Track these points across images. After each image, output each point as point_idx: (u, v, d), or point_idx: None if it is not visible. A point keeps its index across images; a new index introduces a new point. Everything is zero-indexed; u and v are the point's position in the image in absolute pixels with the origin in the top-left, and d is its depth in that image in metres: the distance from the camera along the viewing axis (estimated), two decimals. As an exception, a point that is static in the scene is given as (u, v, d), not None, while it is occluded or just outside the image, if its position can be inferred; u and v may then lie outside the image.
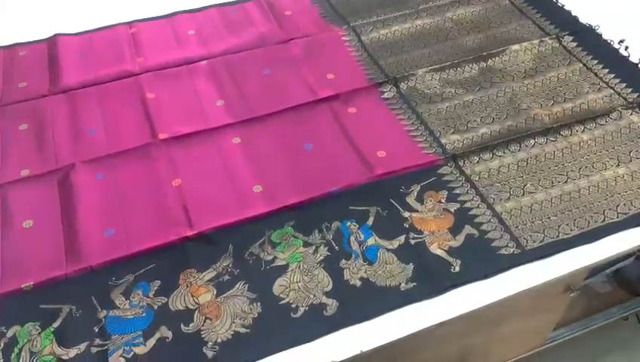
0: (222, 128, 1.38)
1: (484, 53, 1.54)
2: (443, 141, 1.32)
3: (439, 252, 1.11)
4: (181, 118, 1.41)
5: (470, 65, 1.52)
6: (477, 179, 1.24)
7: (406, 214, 1.17)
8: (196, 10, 1.77)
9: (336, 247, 1.12)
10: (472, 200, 1.20)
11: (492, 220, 1.16)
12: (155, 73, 1.54)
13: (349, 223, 1.16)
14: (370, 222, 1.16)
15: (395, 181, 1.24)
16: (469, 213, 1.18)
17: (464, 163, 1.27)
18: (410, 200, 1.20)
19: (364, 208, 1.19)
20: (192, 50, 1.61)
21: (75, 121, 1.41)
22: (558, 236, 1.13)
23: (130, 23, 1.73)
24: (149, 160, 1.30)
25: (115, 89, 1.50)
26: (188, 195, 1.22)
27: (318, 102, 1.43)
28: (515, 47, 1.56)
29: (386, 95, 1.45)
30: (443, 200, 1.20)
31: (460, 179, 1.24)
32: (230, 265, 1.10)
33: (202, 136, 1.36)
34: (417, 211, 1.18)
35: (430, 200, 1.20)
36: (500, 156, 1.28)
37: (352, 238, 1.13)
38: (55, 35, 1.67)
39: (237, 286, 1.06)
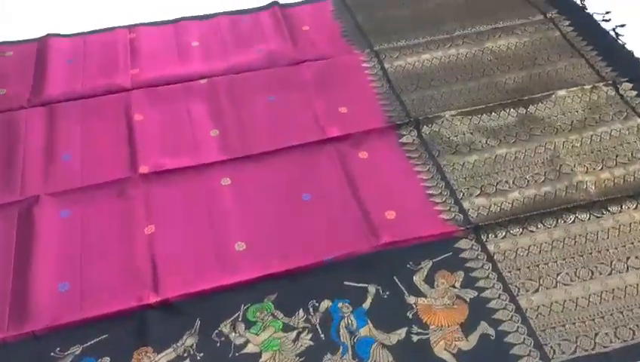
0: (212, 165, 1.20)
1: (526, 98, 1.32)
2: (465, 205, 1.12)
3: (445, 355, 0.91)
4: (168, 148, 1.24)
5: (507, 111, 1.30)
6: (501, 259, 1.03)
7: (411, 299, 0.98)
8: (205, 18, 1.59)
9: (322, 335, 0.94)
10: (493, 287, 1.00)
11: (514, 318, 0.95)
12: (148, 90, 1.37)
13: (341, 304, 0.97)
14: (366, 304, 0.98)
15: (402, 253, 1.04)
16: (488, 305, 0.97)
17: (488, 237, 1.06)
18: (419, 280, 1.01)
19: (362, 285, 1.00)
20: (193, 65, 1.43)
21: (50, 142, 1.25)
22: (593, 348, 0.92)
23: (131, 27, 1.56)
24: (124, 198, 1.14)
25: (100, 105, 1.34)
26: (159, 247, 1.06)
27: (325, 141, 1.24)
28: (562, 92, 1.33)
29: (404, 139, 1.25)
30: (457, 285, 1.00)
31: (481, 257, 1.04)
32: (194, 347, 0.92)
33: (188, 173, 1.19)
34: (425, 296, 0.98)
35: (442, 283, 1.00)
36: (532, 232, 1.07)
37: (343, 325, 0.95)
38: (46, 36, 1.52)
39: (197, 375, 0.90)
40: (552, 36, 1.49)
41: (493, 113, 1.30)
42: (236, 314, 0.96)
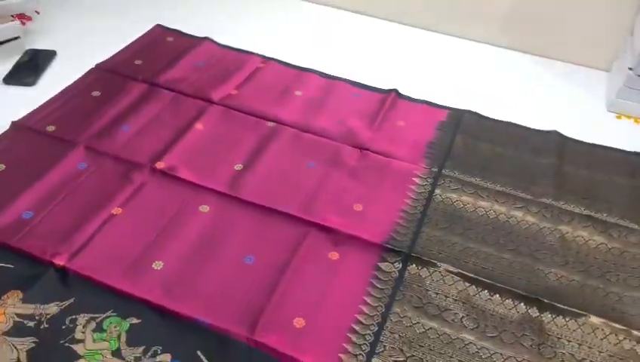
0: (206, 189, 1.25)
1: (547, 301, 1.06)
2: (374, 362, 0.96)
3: None
4: (194, 158, 1.33)
5: (516, 303, 1.06)
6: None
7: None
8: (328, 77, 1.66)
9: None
10: None
11: None
12: (227, 110, 1.49)
13: (175, 366, 0.93)
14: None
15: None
16: None
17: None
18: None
19: None
20: (279, 108, 1.51)
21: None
22: None
23: (267, 59, 1.72)
24: (126, 179, 1.27)
25: (180, 103, 1.51)
26: (108, 229, 1.15)
27: (311, 224, 1.19)
28: (596, 320, 1.03)
29: (383, 266, 1.12)
30: None
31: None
32: (48, 317, 0.99)
33: (185, 186, 1.26)
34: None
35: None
36: None
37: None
38: (205, 38, 1.78)
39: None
40: (652, 258, 1.16)
41: (497, 296, 1.07)
42: (99, 315, 1.00)
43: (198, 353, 0.95)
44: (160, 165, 1.30)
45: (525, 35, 1.83)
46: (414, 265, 1.12)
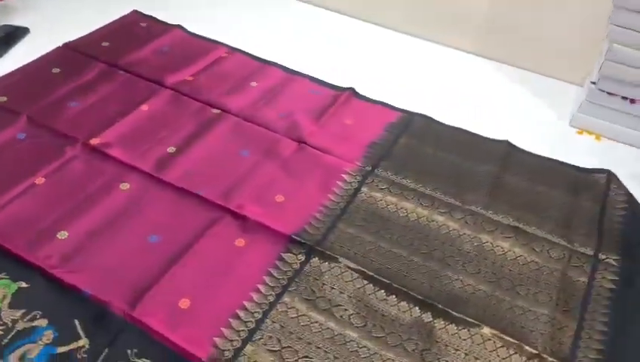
0: (130, 167, 1.27)
1: (442, 306, 1.02)
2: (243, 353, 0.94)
3: None
4: (128, 138, 1.35)
5: (411, 306, 1.03)
6: None
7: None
8: (289, 71, 1.65)
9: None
10: None
11: None
12: (175, 94, 1.51)
13: (49, 332, 0.94)
14: (62, 349, 0.92)
15: (145, 340, 0.95)
16: None
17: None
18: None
19: (82, 336, 0.94)
20: (228, 97, 1.51)
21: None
22: None
23: (232, 50, 1.73)
24: (60, 152, 1.29)
25: (134, 83, 1.54)
26: (32, 196, 1.18)
27: (225, 210, 1.18)
28: (488, 331, 0.99)
29: (286, 256, 1.11)
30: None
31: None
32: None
33: (111, 162, 1.28)
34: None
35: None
36: None
37: (23, 351, 0.91)
38: (177, 26, 1.80)
39: None
40: (572, 280, 1.10)
41: (394, 297, 1.04)
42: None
43: (75, 321, 0.96)
44: (95, 141, 1.32)
45: (500, 44, 1.79)
46: (317, 259, 1.10)
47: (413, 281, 1.08)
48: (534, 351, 0.96)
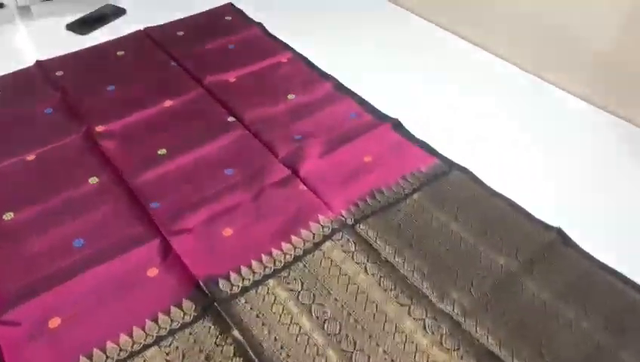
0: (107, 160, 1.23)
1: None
2: None
3: None
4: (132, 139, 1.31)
5: None
6: None
7: None
8: (339, 88, 1.45)
9: None
10: None
11: None
12: (206, 95, 1.43)
13: None
14: None
15: None
16: None
17: None
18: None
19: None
20: (255, 109, 1.38)
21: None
22: None
23: (296, 56, 1.60)
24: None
25: (177, 75, 1.50)
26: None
27: (154, 233, 1.06)
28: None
29: (185, 305, 0.94)
30: None
31: None
32: None
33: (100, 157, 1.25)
34: None
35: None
36: None
37: None
38: (258, 23, 1.71)
39: None
40: None
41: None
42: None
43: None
44: (99, 128, 1.31)
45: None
46: (209, 319, 0.91)
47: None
48: None
